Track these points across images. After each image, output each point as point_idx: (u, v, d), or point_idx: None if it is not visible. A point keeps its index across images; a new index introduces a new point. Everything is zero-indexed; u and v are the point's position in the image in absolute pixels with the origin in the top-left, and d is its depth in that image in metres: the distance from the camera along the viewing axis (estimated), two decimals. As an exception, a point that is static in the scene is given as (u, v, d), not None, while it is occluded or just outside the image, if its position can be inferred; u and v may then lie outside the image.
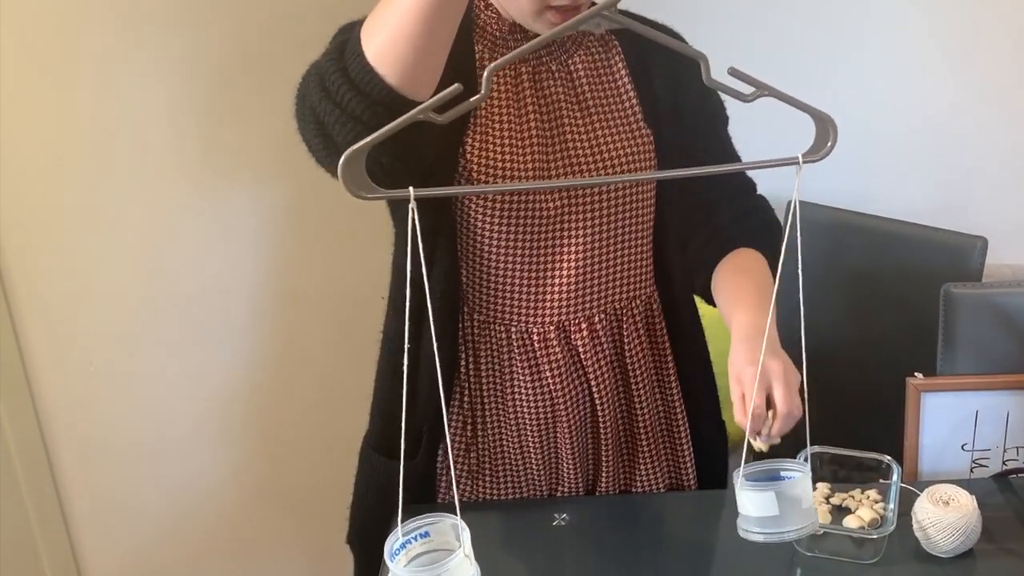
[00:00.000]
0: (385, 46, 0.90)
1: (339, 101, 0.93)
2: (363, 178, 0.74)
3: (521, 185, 1.15)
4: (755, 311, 1.12)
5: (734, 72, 0.77)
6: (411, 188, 0.73)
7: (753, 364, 1.05)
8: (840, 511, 1.22)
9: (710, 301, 1.29)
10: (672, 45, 0.80)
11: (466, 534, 0.80)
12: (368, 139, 0.74)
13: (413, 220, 0.72)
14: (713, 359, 1.35)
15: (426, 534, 0.82)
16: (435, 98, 0.73)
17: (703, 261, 1.27)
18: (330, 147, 0.97)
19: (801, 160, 0.80)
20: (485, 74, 0.73)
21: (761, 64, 1.02)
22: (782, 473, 0.93)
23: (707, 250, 1.26)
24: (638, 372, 1.25)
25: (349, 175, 0.73)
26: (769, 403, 1.06)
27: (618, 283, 1.22)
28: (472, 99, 0.74)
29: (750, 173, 1.32)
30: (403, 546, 0.81)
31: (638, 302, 1.25)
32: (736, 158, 1.30)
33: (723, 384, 1.39)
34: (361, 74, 0.92)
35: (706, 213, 1.27)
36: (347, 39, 0.96)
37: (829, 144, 0.81)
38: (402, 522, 0.80)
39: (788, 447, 1.15)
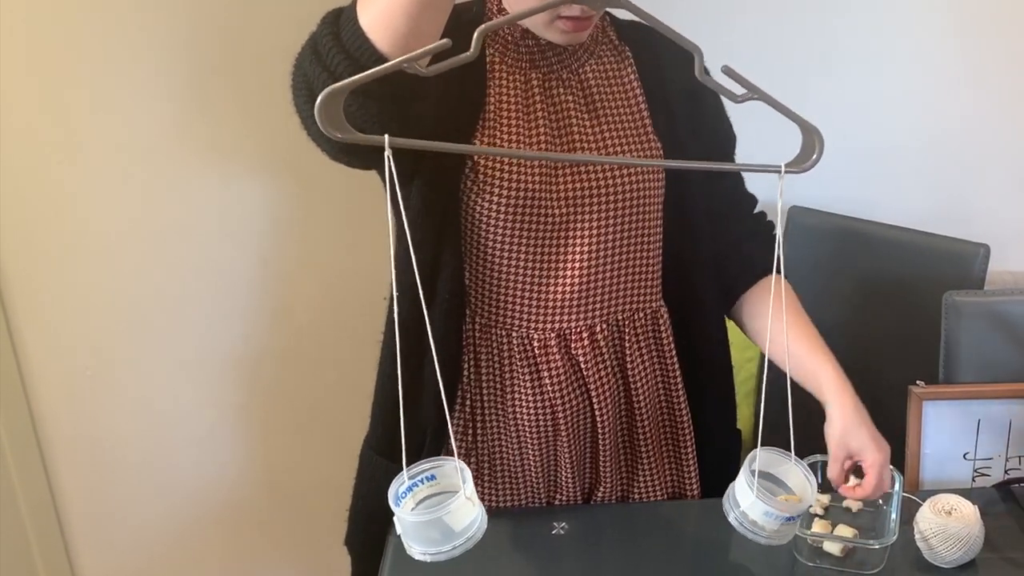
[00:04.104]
0: (380, 15, 0.90)
1: (328, 64, 0.93)
2: (340, 119, 0.75)
3: (503, 151, 1.14)
4: (837, 364, 1.22)
5: (727, 71, 0.77)
6: (386, 136, 0.73)
7: (877, 450, 1.15)
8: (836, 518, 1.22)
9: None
10: (668, 34, 0.79)
11: (468, 476, 0.82)
12: (349, 80, 0.74)
13: (390, 168, 0.73)
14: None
15: (432, 477, 0.85)
16: (422, 49, 0.74)
17: (732, 286, 1.30)
18: None
19: (783, 170, 0.80)
20: (476, 33, 0.73)
21: (763, 69, 1.02)
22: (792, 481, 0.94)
23: (741, 279, 1.30)
24: (639, 384, 1.24)
25: (326, 114, 0.74)
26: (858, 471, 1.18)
27: (621, 294, 1.21)
28: (460, 55, 0.74)
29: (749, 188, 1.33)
30: (410, 489, 0.83)
31: (642, 315, 1.24)
32: (741, 181, 1.32)
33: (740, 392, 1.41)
34: (353, 40, 0.92)
35: (735, 238, 1.29)
36: (344, 8, 0.96)
37: (814, 157, 0.81)
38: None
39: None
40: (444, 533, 0.81)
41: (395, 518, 0.83)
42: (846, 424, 1.16)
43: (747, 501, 0.90)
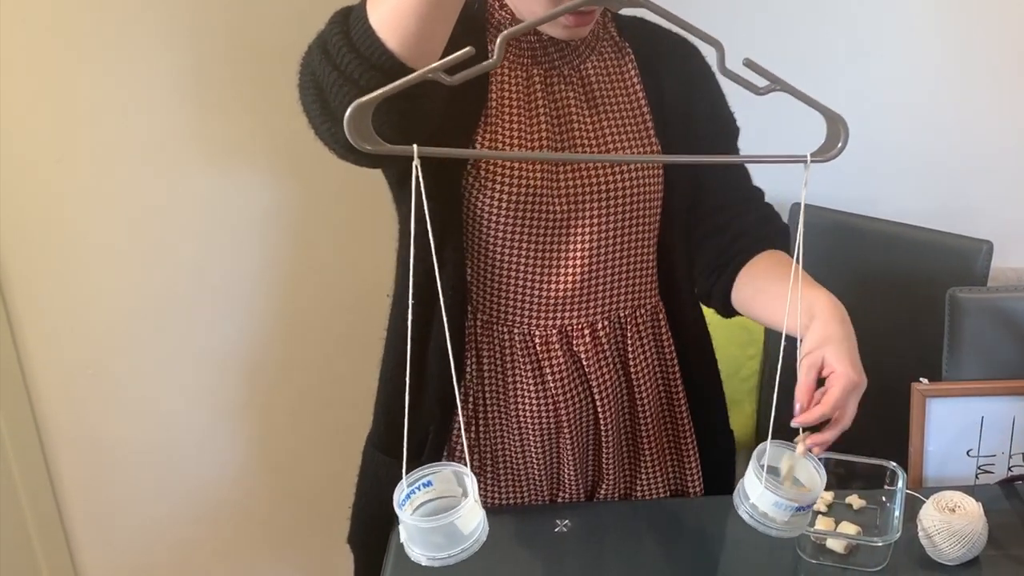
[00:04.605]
0: (390, 13, 0.90)
1: (338, 63, 0.93)
2: (368, 131, 0.74)
3: (526, 155, 1.14)
4: (836, 300, 1.09)
5: (749, 64, 0.77)
6: (415, 145, 0.73)
7: (851, 367, 1.01)
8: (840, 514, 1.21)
9: (726, 304, 1.26)
10: (690, 30, 0.79)
11: (472, 481, 0.82)
12: (376, 93, 0.74)
13: (417, 179, 0.73)
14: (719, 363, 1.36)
15: (429, 483, 0.84)
16: (446, 59, 0.74)
17: (727, 261, 1.24)
18: (327, 112, 0.96)
19: (809, 159, 0.80)
20: (498, 40, 0.73)
21: (767, 67, 1.01)
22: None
23: (733, 249, 1.24)
24: (642, 381, 1.24)
25: (355, 127, 0.74)
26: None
27: (622, 290, 1.21)
28: (484, 63, 0.74)
29: (756, 183, 1.32)
30: (408, 496, 0.83)
31: (642, 311, 1.24)
32: (746, 171, 1.30)
33: (730, 390, 1.40)
34: (363, 38, 0.91)
35: (728, 216, 1.25)
36: (353, 7, 0.96)
37: (840, 145, 0.80)
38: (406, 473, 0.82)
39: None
40: (449, 537, 0.81)
41: (400, 524, 0.83)
42: (827, 334, 1.03)
43: (756, 493, 0.90)
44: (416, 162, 0.73)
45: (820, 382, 1.05)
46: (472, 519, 0.81)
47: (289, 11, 1.69)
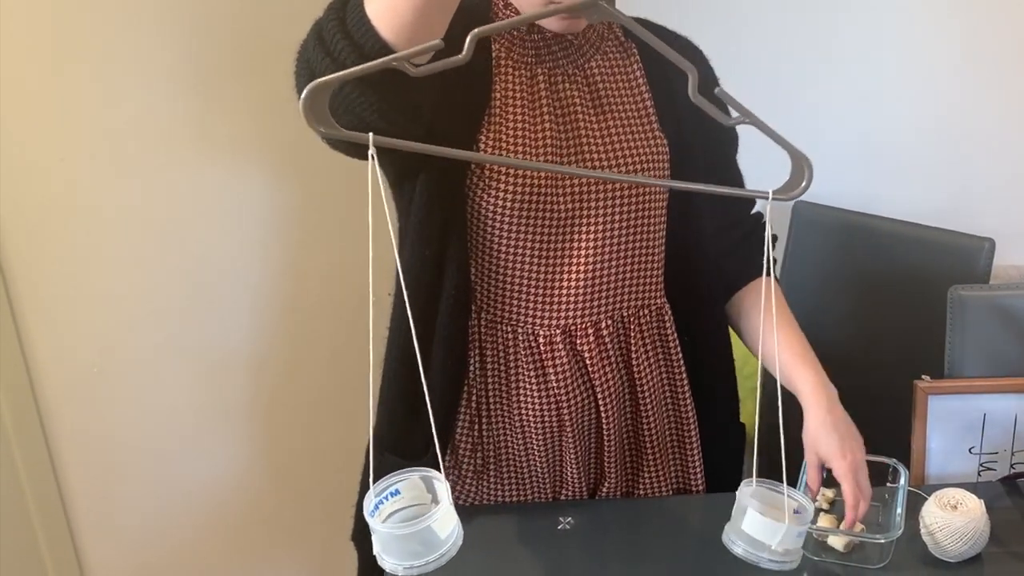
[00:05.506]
0: (386, 3, 0.90)
1: (331, 50, 0.93)
2: (324, 113, 0.75)
3: (500, 159, 1.14)
4: (820, 370, 1.23)
5: (721, 94, 0.77)
6: (371, 134, 0.74)
7: (840, 458, 1.15)
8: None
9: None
10: (664, 52, 0.79)
11: (444, 484, 0.80)
12: (332, 76, 0.74)
13: (373, 168, 0.74)
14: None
15: (397, 492, 0.83)
16: (412, 49, 0.74)
17: (732, 282, 1.32)
18: None
19: (771, 196, 0.80)
20: (468, 37, 0.73)
21: (767, 64, 1.02)
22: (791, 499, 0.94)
23: (735, 278, 1.32)
24: (645, 381, 1.25)
25: (310, 107, 0.74)
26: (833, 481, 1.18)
27: (626, 290, 1.21)
28: (452, 58, 0.74)
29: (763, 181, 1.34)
30: (376, 507, 0.81)
31: (647, 311, 1.24)
32: (741, 182, 1.33)
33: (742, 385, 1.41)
34: (358, 26, 0.91)
35: (743, 231, 1.32)
36: None
37: (803, 184, 0.81)
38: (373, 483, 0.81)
39: (793, 453, 1.15)
40: (426, 544, 0.79)
41: (373, 535, 0.81)
42: (815, 430, 1.18)
43: (777, 536, 0.89)
44: (372, 151, 0.74)
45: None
46: (448, 523, 0.80)
47: (292, 9, 1.69)
